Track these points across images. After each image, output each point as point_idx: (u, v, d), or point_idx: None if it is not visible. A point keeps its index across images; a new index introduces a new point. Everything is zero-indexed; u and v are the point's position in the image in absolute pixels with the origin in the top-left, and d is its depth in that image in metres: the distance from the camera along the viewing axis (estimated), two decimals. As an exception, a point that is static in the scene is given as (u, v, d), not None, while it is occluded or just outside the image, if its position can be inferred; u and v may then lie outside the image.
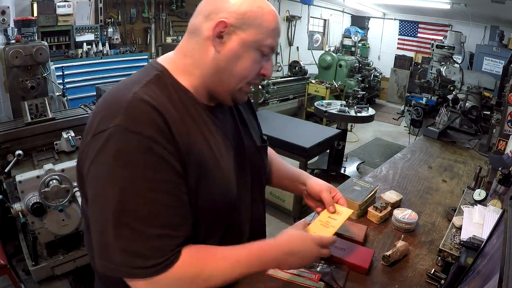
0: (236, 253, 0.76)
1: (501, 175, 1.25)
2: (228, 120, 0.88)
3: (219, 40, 0.74)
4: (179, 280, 0.69)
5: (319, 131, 3.36)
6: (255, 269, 0.77)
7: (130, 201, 0.64)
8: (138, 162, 0.65)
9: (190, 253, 0.71)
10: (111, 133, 0.64)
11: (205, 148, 0.75)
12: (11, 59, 2.20)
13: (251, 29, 0.74)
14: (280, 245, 0.80)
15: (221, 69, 0.76)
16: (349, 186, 1.45)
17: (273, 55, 0.83)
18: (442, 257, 1.05)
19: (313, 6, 7.35)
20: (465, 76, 3.50)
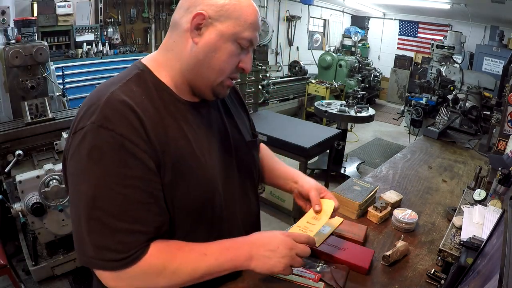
0: (204, 246, 0.76)
1: (501, 175, 1.25)
2: (213, 115, 0.88)
3: (197, 32, 0.75)
4: (145, 274, 0.71)
5: (319, 131, 3.36)
6: (225, 263, 0.76)
7: (102, 197, 0.66)
8: (111, 158, 0.66)
9: (158, 247, 0.72)
10: (87, 131, 0.67)
11: (184, 144, 0.76)
12: (11, 59, 2.20)
13: (229, 21, 0.75)
14: (251, 238, 0.81)
15: (199, 62, 0.77)
16: (349, 186, 1.45)
17: (252, 49, 0.82)
18: (442, 257, 1.05)
19: (313, 6, 7.35)
20: (465, 76, 3.51)
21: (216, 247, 0.77)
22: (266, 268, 0.78)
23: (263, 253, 0.78)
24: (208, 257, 0.74)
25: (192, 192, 0.76)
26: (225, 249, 0.77)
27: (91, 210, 0.66)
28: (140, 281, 0.72)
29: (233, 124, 0.94)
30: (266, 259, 0.78)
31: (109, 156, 0.66)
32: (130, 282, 0.71)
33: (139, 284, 0.72)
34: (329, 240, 1.13)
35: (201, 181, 0.78)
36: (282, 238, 0.80)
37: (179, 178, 0.74)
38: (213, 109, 0.89)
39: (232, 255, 0.77)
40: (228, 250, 0.77)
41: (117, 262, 0.68)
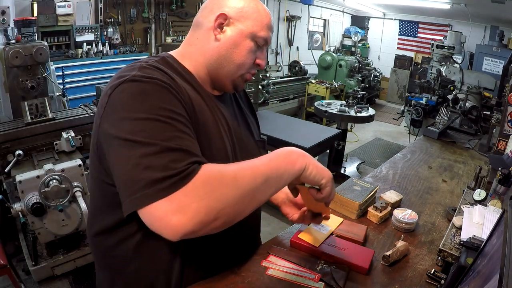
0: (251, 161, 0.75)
1: (501, 175, 1.25)
2: (229, 111, 0.95)
3: (219, 30, 0.85)
4: (205, 185, 0.66)
5: (319, 131, 3.36)
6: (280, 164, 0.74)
7: (151, 127, 0.68)
8: (156, 96, 0.71)
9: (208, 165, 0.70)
10: (129, 81, 0.71)
11: (207, 116, 0.83)
12: (11, 59, 2.21)
13: (247, 21, 0.85)
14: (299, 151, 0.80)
15: (222, 56, 0.86)
16: (349, 186, 1.45)
17: (266, 48, 0.93)
18: (442, 257, 1.05)
19: (313, 6, 7.35)
20: (465, 76, 3.51)
21: (268, 157, 0.76)
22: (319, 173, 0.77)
23: (313, 161, 0.78)
24: (262, 162, 0.74)
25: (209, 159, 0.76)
26: (274, 156, 0.76)
27: (144, 138, 0.66)
28: (203, 198, 0.65)
29: (245, 123, 1.02)
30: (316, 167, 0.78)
31: (155, 95, 0.71)
32: (192, 203, 0.64)
33: (202, 204, 0.64)
34: (329, 240, 1.14)
35: (218, 153, 0.83)
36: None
37: (200, 141, 0.77)
38: (229, 105, 0.97)
39: (286, 153, 0.76)
40: (277, 156, 0.76)
41: (172, 179, 0.63)
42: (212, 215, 0.65)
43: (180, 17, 5.31)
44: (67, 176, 2.05)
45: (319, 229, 1.19)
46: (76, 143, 2.36)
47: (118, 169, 0.69)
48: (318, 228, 1.19)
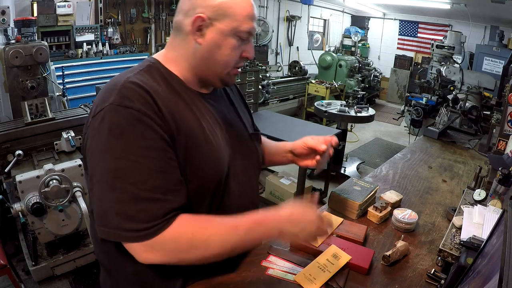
0: (234, 220, 0.78)
1: (501, 175, 1.25)
2: (220, 106, 0.95)
3: (199, 33, 0.82)
4: (176, 242, 0.73)
5: (319, 131, 3.36)
6: (255, 237, 0.79)
7: (123, 168, 0.70)
8: (130, 132, 0.71)
9: (185, 219, 0.75)
10: (106, 111, 0.73)
11: (194, 125, 0.82)
12: (11, 59, 2.21)
13: (226, 18, 0.81)
14: (283, 214, 0.83)
15: (205, 59, 0.84)
16: (349, 186, 1.45)
17: (252, 38, 0.89)
18: (442, 257, 1.05)
19: (313, 6, 7.35)
20: (465, 76, 3.50)
21: (247, 221, 0.79)
22: (289, 241, 0.87)
23: (292, 230, 0.81)
24: (239, 231, 0.77)
25: (201, 170, 0.80)
26: (256, 224, 0.79)
27: (114, 181, 0.70)
28: (171, 252, 0.74)
29: (237, 116, 1.01)
30: (294, 236, 0.83)
31: (128, 130, 0.71)
32: (161, 253, 0.73)
33: (171, 256, 0.74)
34: (329, 240, 1.14)
35: (210, 162, 0.83)
36: (312, 219, 0.83)
37: (189, 155, 0.78)
38: (220, 101, 0.97)
39: (263, 230, 0.79)
40: (259, 225, 0.79)
41: (141, 232, 0.70)
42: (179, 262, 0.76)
43: (180, 17, 5.30)
44: (67, 176, 2.05)
45: None
46: (76, 143, 2.36)
47: (93, 197, 0.74)
48: None
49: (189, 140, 0.79)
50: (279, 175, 3.38)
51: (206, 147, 0.83)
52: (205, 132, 0.84)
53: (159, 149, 0.73)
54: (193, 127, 0.81)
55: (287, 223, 0.81)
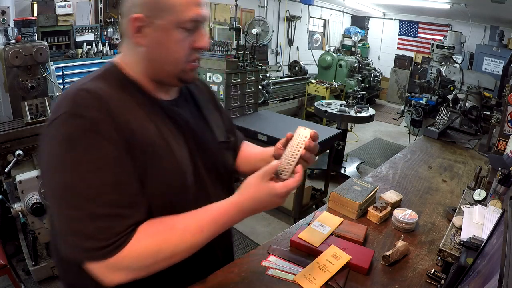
0: (198, 221, 0.75)
1: (501, 175, 1.25)
2: (184, 115, 0.86)
3: (139, 35, 0.76)
4: (140, 258, 0.69)
5: (319, 131, 3.35)
6: (222, 228, 0.77)
7: (77, 183, 0.66)
8: (82, 144, 0.67)
9: (146, 231, 0.71)
10: (58, 121, 0.69)
11: (155, 135, 0.76)
12: (11, 59, 2.20)
13: (165, 13, 0.74)
14: (241, 201, 0.78)
15: (153, 60, 0.78)
16: (349, 186, 1.45)
17: (202, 24, 0.79)
18: (442, 257, 1.05)
19: (313, 6, 7.36)
20: (465, 76, 3.51)
21: (210, 218, 0.75)
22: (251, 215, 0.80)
23: (258, 208, 0.78)
24: (204, 232, 0.74)
25: (162, 182, 0.75)
26: (220, 216, 0.76)
27: (68, 198, 0.66)
28: (137, 269, 0.70)
29: (204, 124, 0.93)
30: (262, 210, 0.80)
31: (80, 142, 0.67)
32: (126, 271, 0.69)
33: (137, 273, 0.71)
34: (329, 240, 1.14)
35: (171, 171, 0.77)
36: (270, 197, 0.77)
37: (149, 166, 0.73)
38: (184, 107, 0.89)
39: (228, 220, 0.77)
40: (223, 216, 0.76)
41: (101, 250, 0.66)
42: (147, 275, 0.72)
43: (180, 17, 5.30)
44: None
45: (319, 229, 1.19)
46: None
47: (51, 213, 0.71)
48: (318, 228, 1.20)
49: (148, 151, 0.73)
50: (279, 175, 3.37)
51: (167, 158, 0.76)
52: (165, 142, 0.77)
53: (114, 160, 0.68)
54: (152, 137, 0.75)
55: (250, 205, 0.77)
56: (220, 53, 3.48)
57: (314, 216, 1.29)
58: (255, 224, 3.15)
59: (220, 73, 3.42)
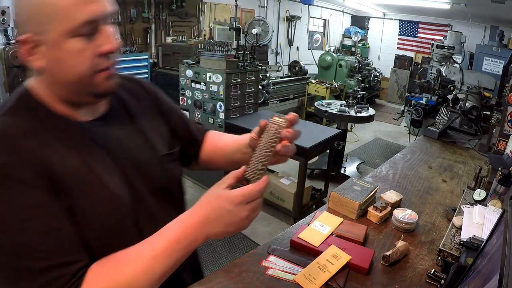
0: (150, 248, 0.65)
1: (501, 175, 1.25)
2: (113, 134, 0.75)
3: (35, 57, 0.64)
4: None
5: (319, 131, 3.36)
6: (180, 256, 0.66)
7: (5, 240, 0.57)
8: (1, 194, 0.58)
9: (95, 272, 0.63)
10: None
11: (79, 166, 0.66)
12: (11, 59, 2.21)
13: (51, 24, 0.61)
14: (198, 218, 0.66)
15: (56, 81, 0.67)
16: (349, 186, 1.45)
17: (105, 24, 0.66)
18: (442, 257, 1.05)
19: (313, 6, 7.36)
20: (465, 76, 3.51)
21: (163, 244, 0.65)
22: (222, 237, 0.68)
23: (219, 230, 0.66)
24: (160, 260, 0.64)
25: (96, 217, 0.66)
26: (175, 242, 0.65)
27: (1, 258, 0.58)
28: None
29: (142, 138, 0.81)
30: (224, 233, 0.67)
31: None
32: None
33: None
34: (329, 240, 1.14)
35: (103, 203, 0.68)
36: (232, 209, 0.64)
37: (78, 202, 0.64)
38: (113, 125, 0.76)
39: (185, 245, 0.66)
40: (179, 242, 0.65)
41: None
42: None
43: (180, 17, 5.31)
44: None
45: (319, 229, 1.19)
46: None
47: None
48: (318, 228, 1.20)
49: (74, 185, 0.64)
50: (279, 175, 3.38)
51: (96, 189, 0.67)
52: (92, 171, 0.67)
53: (41, 205, 0.59)
54: (76, 168, 0.65)
55: (208, 226, 0.65)
56: (220, 53, 3.48)
57: (314, 216, 1.29)
58: (255, 224, 3.15)
59: (220, 73, 3.42)
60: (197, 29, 5.63)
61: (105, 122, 0.75)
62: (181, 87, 3.82)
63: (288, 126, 0.73)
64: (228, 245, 2.83)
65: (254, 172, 0.67)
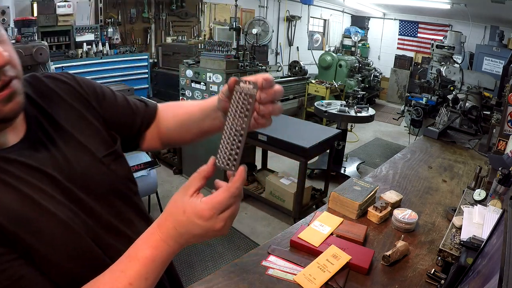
0: (124, 275, 0.57)
1: (501, 175, 1.25)
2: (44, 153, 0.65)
3: None
4: None
5: (319, 131, 3.36)
6: (158, 272, 0.60)
7: None
8: None
9: None
10: None
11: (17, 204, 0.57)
12: (11, 59, 2.21)
13: None
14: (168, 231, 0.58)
15: None
16: (349, 186, 1.45)
17: None
18: (442, 257, 1.05)
19: (313, 6, 7.36)
20: (465, 76, 3.51)
21: (137, 268, 0.57)
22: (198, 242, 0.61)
23: (193, 241, 0.59)
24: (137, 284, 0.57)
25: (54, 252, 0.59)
26: (149, 263, 0.58)
27: None
28: None
29: (75, 147, 0.70)
30: (201, 241, 0.60)
31: None
32: None
33: None
34: (329, 240, 1.14)
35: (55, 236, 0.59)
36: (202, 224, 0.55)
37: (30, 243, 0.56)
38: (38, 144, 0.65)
39: (161, 262, 0.59)
40: (153, 261, 0.58)
41: None
42: None
43: (180, 17, 5.31)
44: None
45: (319, 229, 1.19)
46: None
47: None
48: (318, 228, 1.20)
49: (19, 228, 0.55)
50: (279, 175, 3.38)
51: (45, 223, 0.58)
52: (34, 203, 0.58)
53: None
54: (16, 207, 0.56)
55: (179, 238, 0.58)
56: (220, 53, 3.48)
57: (314, 216, 1.29)
58: (255, 224, 3.15)
59: (220, 73, 3.42)
60: (197, 29, 5.63)
61: (28, 142, 0.63)
62: (181, 87, 3.82)
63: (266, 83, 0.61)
64: (228, 245, 2.83)
65: (227, 158, 0.56)
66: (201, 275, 2.46)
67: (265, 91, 0.60)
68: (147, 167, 2.69)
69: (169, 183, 3.79)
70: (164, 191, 3.47)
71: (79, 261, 0.62)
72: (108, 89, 0.84)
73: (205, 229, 0.56)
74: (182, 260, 2.60)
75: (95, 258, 0.64)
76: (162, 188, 3.49)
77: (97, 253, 0.65)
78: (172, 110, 0.89)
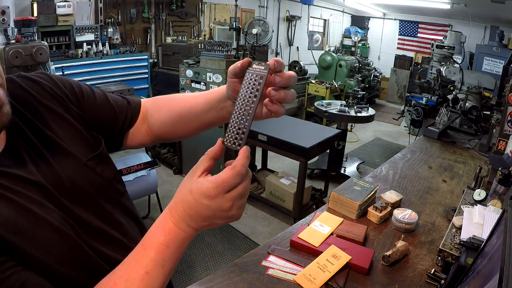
0: (139, 263, 0.57)
1: (501, 175, 1.25)
2: (26, 162, 0.63)
3: None
4: None
5: (319, 131, 3.36)
6: (174, 259, 0.58)
7: None
8: None
9: None
10: None
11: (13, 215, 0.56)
12: (11, 59, 2.21)
13: None
14: (178, 220, 0.57)
15: None
16: (349, 186, 1.45)
17: None
18: (442, 257, 1.05)
19: (313, 6, 7.36)
20: (465, 76, 3.51)
21: (152, 256, 0.56)
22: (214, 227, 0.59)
23: (205, 224, 0.57)
24: (154, 273, 0.57)
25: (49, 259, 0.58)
26: (164, 249, 0.57)
27: None
28: None
29: (58, 153, 0.68)
30: (214, 226, 0.59)
31: None
32: None
33: None
34: (329, 240, 1.14)
35: (50, 244, 0.59)
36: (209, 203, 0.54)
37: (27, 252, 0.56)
38: (20, 151, 0.63)
39: (177, 247, 0.58)
40: (167, 247, 0.57)
41: None
42: None
43: (180, 17, 5.31)
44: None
45: (319, 229, 1.19)
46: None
47: None
48: (318, 228, 1.20)
49: (17, 238, 0.55)
50: (279, 175, 3.38)
51: (41, 232, 0.58)
52: (29, 211, 0.58)
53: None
54: (12, 219, 0.56)
55: (191, 222, 0.56)
56: (220, 53, 3.48)
57: (314, 216, 1.29)
58: (255, 224, 3.15)
59: (220, 73, 3.42)
60: (197, 29, 5.63)
61: (12, 151, 0.62)
62: (181, 87, 3.82)
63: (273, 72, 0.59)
64: (228, 245, 2.83)
65: (234, 137, 0.55)
66: (201, 275, 2.46)
67: (280, 75, 0.59)
68: (147, 167, 2.69)
69: (169, 183, 3.79)
70: (164, 191, 3.47)
71: (75, 266, 0.62)
72: (87, 87, 0.81)
73: (213, 209, 0.54)
74: (182, 260, 2.60)
75: (91, 263, 0.64)
76: (162, 188, 3.49)
77: (92, 258, 0.65)
78: (168, 103, 0.85)
